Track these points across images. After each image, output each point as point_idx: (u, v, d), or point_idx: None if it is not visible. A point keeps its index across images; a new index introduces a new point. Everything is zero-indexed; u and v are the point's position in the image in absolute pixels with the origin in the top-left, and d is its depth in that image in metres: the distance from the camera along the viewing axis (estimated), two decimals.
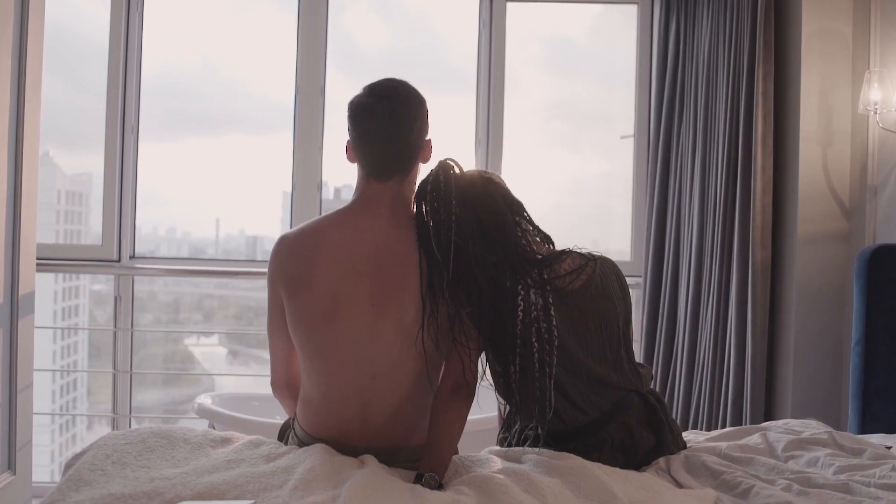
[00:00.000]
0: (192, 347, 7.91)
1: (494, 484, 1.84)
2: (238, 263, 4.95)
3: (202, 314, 8.61)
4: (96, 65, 4.50)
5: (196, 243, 7.16)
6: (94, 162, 4.62)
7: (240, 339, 8.02)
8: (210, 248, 7.18)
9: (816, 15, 3.86)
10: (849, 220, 3.89)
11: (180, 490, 1.73)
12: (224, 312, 8.68)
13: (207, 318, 8.48)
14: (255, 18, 5.28)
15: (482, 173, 2.19)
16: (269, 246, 2.25)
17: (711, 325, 4.06)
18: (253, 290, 8.12)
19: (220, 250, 7.08)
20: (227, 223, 6.74)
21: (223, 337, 8.06)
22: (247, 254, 6.97)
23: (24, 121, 3.14)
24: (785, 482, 2.04)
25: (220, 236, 7.00)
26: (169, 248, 6.88)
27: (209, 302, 8.72)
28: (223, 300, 8.68)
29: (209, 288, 8.48)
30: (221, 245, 7.01)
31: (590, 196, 5.14)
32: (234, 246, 7.17)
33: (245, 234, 7.05)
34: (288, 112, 4.60)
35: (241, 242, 7.15)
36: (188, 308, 8.59)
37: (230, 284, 8.00)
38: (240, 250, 7.29)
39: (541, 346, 2.03)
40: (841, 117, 3.89)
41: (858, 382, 3.24)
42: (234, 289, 8.25)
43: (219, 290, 8.49)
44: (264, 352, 7.48)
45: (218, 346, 8.15)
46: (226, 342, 8.09)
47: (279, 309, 2.14)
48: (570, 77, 5.24)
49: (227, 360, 7.98)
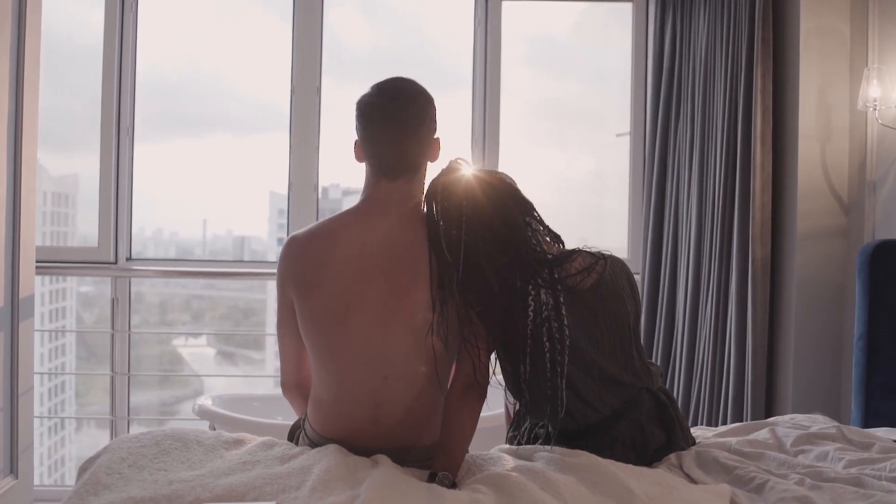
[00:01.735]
0: (181, 348, 7.89)
1: (512, 482, 1.84)
2: (235, 264, 4.95)
3: (190, 315, 8.60)
4: (80, 67, 4.48)
5: (183, 244, 7.15)
6: (81, 164, 4.59)
7: (228, 339, 8.01)
8: (197, 248, 7.17)
9: (814, 13, 3.88)
10: (847, 216, 3.91)
11: (199, 492, 1.73)
12: (212, 313, 8.66)
13: (196, 319, 8.46)
14: (240, 20, 5.27)
15: (492, 173, 2.19)
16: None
17: (711, 323, 4.07)
18: (241, 291, 8.12)
19: (207, 251, 7.07)
20: (214, 224, 6.73)
21: (211, 338, 8.05)
22: (234, 254, 6.96)
23: (23, 124, 3.12)
24: (797, 476, 2.05)
25: (207, 237, 6.99)
26: (156, 248, 6.85)
27: (197, 303, 8.71)
28: (211, 301, 8.67)
29: (197, 289, 8.47)
30: (209, 245, 7.00)
31: (578, 194, 5.15)
32: (221, 246, 7.17)
33: (232, 234, 7.04)
34: (274, 112, 4.59)
35: (229, 243, 7.14)
36: (176, 309, 8.57)
37: (217, 285, 7.99)
38: (227, 250, 7.28)
39: (552, 346, 2.03)
40: (839, 114, 3.91)
41: (861, 377, 3.26)
42: (222, 289, 8.24)
43: (206, 291, 8.48)
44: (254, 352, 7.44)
45: (206, 346, 8.15)
46: (214, 343, 8.08)
47: (289, 310, 2.13)
48: (557, 75, 5.24)
49: (216, 360, 7.97)
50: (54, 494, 4.28)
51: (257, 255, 6.54)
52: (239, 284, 7.50)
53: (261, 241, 6.60)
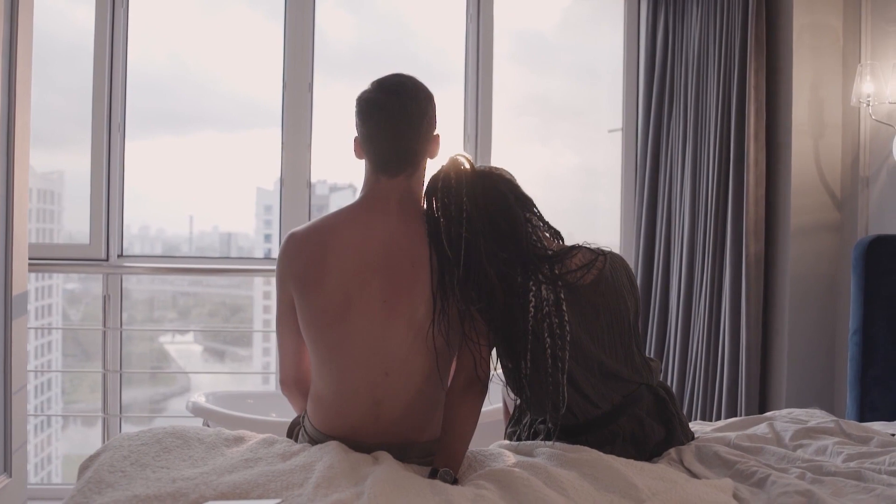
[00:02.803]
0: (168, 345, 7.85)
1: (515, 478, 1.84)
2: (226, 261, 4.94)
3: (177, 312, 8.55)
4: (65, 63, 4.45)
5: (170, 241, 7.10)
6: (66, 160, 4.56)
7: (215, 336, 7.98)
8: (184, 245, 7.13)
9: (807, 9, 3.91)
10: (841, 211, 3.94)
11: (204, 490, 1.72)
12: (199, 310, 8.62)
13: (182, 316, 8.42)
14: (224, 17, 5.25)
15: (492, 169, 2.19)
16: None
17: (704, 318, 4.08)
18: (228, 287, 8.08)
19: (193, 247, 7.03)
20: (200, 220, 6.69)
21: (198, 334, 8.02)
22: (220, 251, 6.92)
23: (16, 121, 3.10)
24: (798, 471, 2.05)
25: (193, 233, 6.94)
26: (142, 245, 6.81)
27: (184, 300, 8.67)
28: (197, 298, 8.63)
29: (183, 286, 8.42)
30: (195, 242, 6.96)
31: (564, 190, 5.15)
32: (207, 243, 7.13)
33: (219, 230, 7.00)
34: (260, 109, 4.57)
35: (215, 239, 7.10)
36: (162, 306, 8.53)
37: (205, 282, 7.95)
38: (213, 247, 7.24)
39: (553, 342, 2.03)
40: (832, 110, 3.93)
41: (856, 372, 3.28)
42: (209, 286, 8.20)
43: (193, 288, 8.43)
44: (241, 349, 7.41)
45: (193, 343, 8.11)
46: (201, 340, 8.05)
47: (289, 307, 2.12)
48: (543, 71, 5.24)
49: (203, 357, 7.94)
50: (41, 493, 4.25)
51: (244, 251, 6.52)
52: (226, 281, 7.47)
53: (247, 238, 6.57)
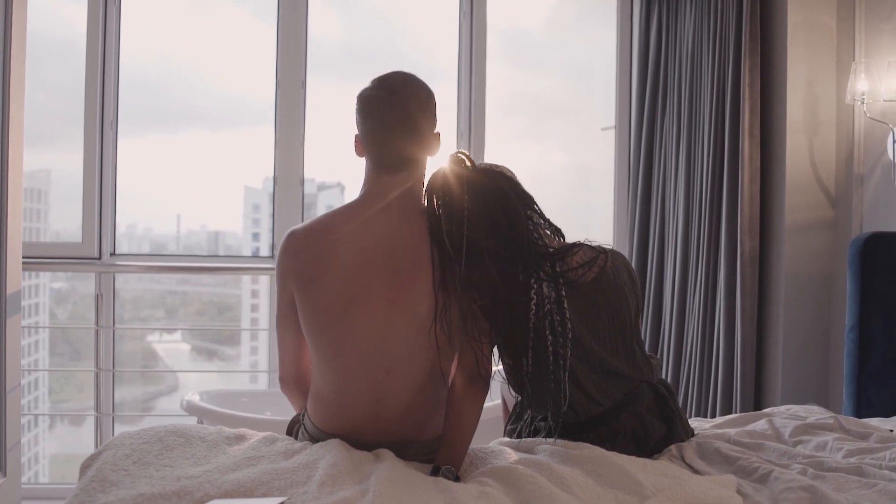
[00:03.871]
0: (155, 344, 7.82)
1: (519, 475, 1.84)
2: (215, 259, 4.93)
3: (164, 311, 8.52)
4: (53, 62, 4.43)
5: (157, 239, 7.07)
6: (54, 159, 4.54)
7: (203, 335, 7.96)
8: (171, 244, 7.10)
9: (802, 6, 3.92)
10: (835, 209, 3.95)
11: (208, 489, 1.71)
12: (186, 309, 8.59)
13: (170, 315, 8.39)
14: (213, 14, 5.23)
15: (493, 167, 2.19)
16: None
17: (699, 315, 4.09)
18: (215, 286, 8.06)
19: (181, 246, 7.01)
20: (188, 219, 6.67)
21: (186, 333, 7.99)
22: (208, 249, 6.90)
23: (10, 120, 3.08)
24: (799, 466, 2.06)
25: (181, 232, 6.92)
26: (130, 244, 6.79)
27: (171, 298, 8.64)
28: (185, 296, 8.60)
29: (171, 284, 8.39)
30: (183, 241, 6.94)
31: (555, 188, 5.14)
32: (195, 241, 7.10)
33: (206, 229, 6.98)
34: (249, 107, 4.56)
35: (203, 238, 7.07)
36: (150, 305, 8.49)
37: (192, 281, 7.93)
38: (201, 246, 7.21)
39: (555, 339, 2.03)
40: (826, 108, 3.95)
41: (853, 368, 3.30)
42: (196, 285, 8.17)
43: (181, 287, 8.40)
44: (229, 348, 7.39)
45: (181, 342, 8.09)
46: (189, 338, 8.02)
47: (289, 305, 2.11)
48: (532, 69, 5.24)
49: (191, 356, 7.92)
50: (29, 492, 4.24)
51: (231, 249, 6.50)
52: (214, 280, 7.45)
53: (235, 236, 6.55)
